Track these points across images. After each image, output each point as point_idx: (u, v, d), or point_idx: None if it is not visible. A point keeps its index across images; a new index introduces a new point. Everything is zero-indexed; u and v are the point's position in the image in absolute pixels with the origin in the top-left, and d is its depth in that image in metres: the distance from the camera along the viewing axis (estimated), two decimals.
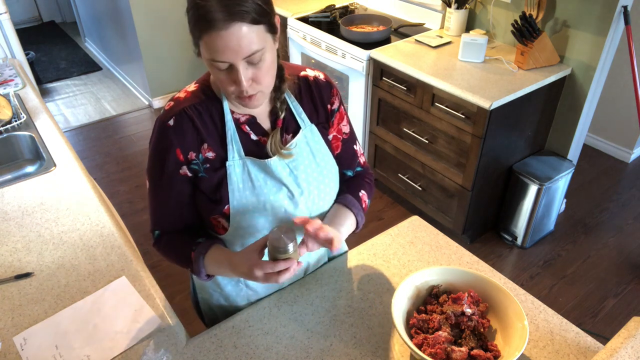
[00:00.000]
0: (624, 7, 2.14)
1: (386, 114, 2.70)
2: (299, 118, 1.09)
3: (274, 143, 1.05)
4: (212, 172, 1.03)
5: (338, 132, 1.17)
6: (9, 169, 1.87)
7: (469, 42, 2.38)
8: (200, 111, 1.01)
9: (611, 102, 3.21)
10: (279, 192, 1.06)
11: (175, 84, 4.07)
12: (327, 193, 1.13)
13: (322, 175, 1.11)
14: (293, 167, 1.07)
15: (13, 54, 2.77)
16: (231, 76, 0.91)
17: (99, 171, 3.35)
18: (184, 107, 1.00)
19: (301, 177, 1.08)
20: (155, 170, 1.05)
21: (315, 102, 1.11)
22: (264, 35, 0.89)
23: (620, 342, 0.96)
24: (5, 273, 1.30)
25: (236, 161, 1.03)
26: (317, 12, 3.12)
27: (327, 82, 1.14)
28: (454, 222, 2.58)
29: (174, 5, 3.69)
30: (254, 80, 0.92)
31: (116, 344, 1.11)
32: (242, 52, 0.86)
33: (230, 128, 1.02)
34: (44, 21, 5.92)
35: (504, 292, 1.06)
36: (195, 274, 1.08)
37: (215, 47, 0.86)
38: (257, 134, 1.06)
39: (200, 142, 1.02)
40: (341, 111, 1.17)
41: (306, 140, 1.09)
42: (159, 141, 1.02)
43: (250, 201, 1.04)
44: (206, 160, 1.03)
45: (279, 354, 1.08)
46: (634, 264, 2.56)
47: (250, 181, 1.04)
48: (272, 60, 0.94)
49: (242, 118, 1.04)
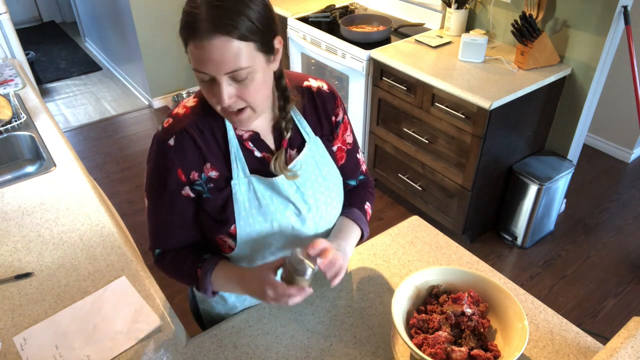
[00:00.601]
0: (624, 7, 2.14)
1: (386, 114, 2.70)
2: (303, 131, 1.05)
3: (279, 165, 1.01)
4: (217, 192, 1.00)
5: (342, 143, 1.14)
6: (9, 169, 1.87)
7: (469, 42, 2.38)
8: (201, 129, 0.97)
9: (611, 102, 3.21)
10: (286, 210, 1.04)
11: (175, 84, 4.07)
12: (334, 207, 1.11)
13: (329, 189, 1.08)
14: (300, 183, 1.04)
15: (13, 54, 2.77)
16: (213, 89, 0.87)
17: (99, 171, 3.35)
18: (185, 126, 0.96)
19: (308, 194, 1.05)
20: (155, 190, 1.01)
21: (319, 114, 1.08)
22: (253, 54, 0.85)
23: (620, 342, 0.96)
24: (5, 273, 1.30)
25: (241, 180, 1.00)
26: (317, 12, 3.12)
27: (331, 92, 1.10)
28: (454, 222, 2.58)
29: (174, 6, 3.69)
30: (239, 96, 0.88)
31: (116, 344, 1.11)
32: (224, 67, 0.83)
33: (233, 145, 0.99)
34: (44, 21, 5.92)
35: (504, 292, 1.06)
36: (201, 291, 1.06)
37: (198, 57, 0.83)
38: (261, 151, 1.02)
39: (202, 162, 0.98)
40: (345, 121, 1.13)
41: (312, 154, 1.06)
42: (159, 160, 0.98)
43: (257, 220, 1.02)
44: (209, 179, 0.99)
45: (279, 354, 1.08)
46: (634, 264, 2.56)
47: (256, 200, 1.01)
48: (264, 81, 0.90)
49: (246, 135, 1.00)
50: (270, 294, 0.94)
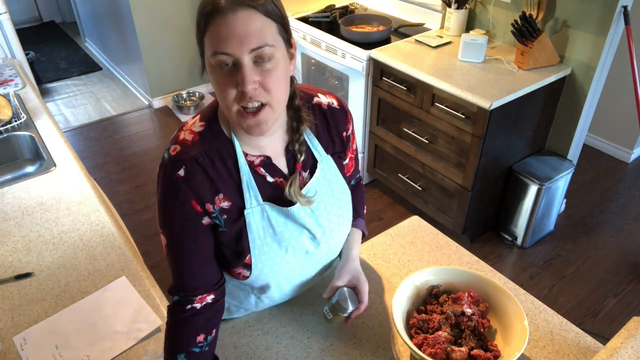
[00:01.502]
0: (624, 7, 2.14)
1: (386, 114, 2.70)
2: (315, 151, 1.01)
3: (294, 191, 0.96)
4: (231, 224, 0.94)
5: (351, 152, 1.13)
6: (9, 169, 1.87)
7: (469, 42, 2.38)
8: (212, 158, 0.90)
9: (611, 102, 3.21)
10: (301, 235, 1.01)
11: (175, 84, 4.07)
12: (345, 226, 1.09)
13: (341, 208, 1.06)
14: (314, 207, 1.00)
15: (13, 54, 2.77)
16: (234, 77, 0.80)
17: (99, 171, 3.35)
18: (195, 156, 0.89)
19: (322, 217, 1.02)
20: (172, 223, 0.93)
21: (331, 132, 1.04)
22: (276, 37, 0.81)
23: (620, 342, 0.96)
24: (5, 273, 1.30)
25: (254, 208, 0.94)
26: (317, 12, 3.12)
27: (342, 108, 1.06)
28: (454, 222, 2.58)
29: (174, 6, 3.69)
30: (261, 84, 0.82)
31: (116, 344, 1.11)
32: (248, 43, 0.78)
33: (245, 173, 0.93)
34: (44, 21, 5.92)
35: (504, 292, 1.06)
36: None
37: (220, 36, 0.78)
38: (273, 176, 0.97)
39: (214, 193, 0.92)
40: (353, 132, 1.11)
41: (324, 175, 1.02)
42: (171, 193, 0.91)
43: (272, 247, 0.98)
44: (222, 210, 0.93)
45: (279, 354, 1.08)
46: (634, 264, 2.56)
47: (270, 227, 0.97)
48: (285, 76, 0.85)
49: (257, 160, 0.95)
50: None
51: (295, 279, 1.08)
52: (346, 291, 1.06)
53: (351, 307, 1.05)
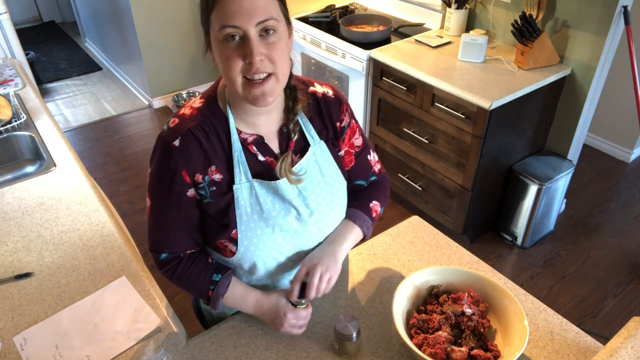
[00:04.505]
0: (624, 7, 2.14)
1: (386, 114, 2.70)
2: (308, 135, 1.04)
3: (285, 167, 1.00)
4: (219, 196, 0.99)
5: (350, 147, 1.13)
6: (9, 169, 1.87)
7: (469, 42, 2.38)
8: (207, 131, 0.96)
9: (611, 102, 3.21)
10: (288, 215, 1.02)
11: (175, 84, 4.07)
12: (337, 212, 1.10)
13: (331, 194, 1.07)
14: (302, 187, 1.03)
15: (13, 54, 2.77)
16: (242, 50, 0.85)
17: (99, 171, 3.35)
18: (191, 127, 0.95)
19: (310, 198, 1.04)
20: (160, 190, 0.99)
21: (324, 119, 1.07)
22: (279, 12, 0.87)
23: (620, 342, 0.96)
24: (5, 273, 1.30)
25: (243, 184, 0.99)
26: (317, 12, 3.12)
27: (336, 98, 1.09)
28: (454, 222, 2.58)
29: (174, 6, 3.69)
30: (267, 56, 0.87)
31: (116, 344, 1.11)
32: (256, 15, 0.83)
33: (237, 149, 0.98)
34: (44, 21, 5.92)
35: (504, 292, 1.06)
36: (210, 309, 1.08)
37: (228, 11, 0.83)
38: (265, 155, 1.01)
39: (207, 164, 0.97)
40: (352, 126, 1.12)
41: (315, 159, 1.05)
42: (164, 161, 0.96)
43: (259, 225, 1.01)
44: (212, 182, 0.98)
45: (279, 354, 1.08)
46: (634, 264, 2.56)
47: (258, 204, 1.00)
48: (286, 50, 0.91)
49: (250, 138, 0.99)
50: (292, 320, 1.04)
51: (282, 261, 1.09)
52: (342, 318, 1.04)
53: (354, 332, 1.02)
